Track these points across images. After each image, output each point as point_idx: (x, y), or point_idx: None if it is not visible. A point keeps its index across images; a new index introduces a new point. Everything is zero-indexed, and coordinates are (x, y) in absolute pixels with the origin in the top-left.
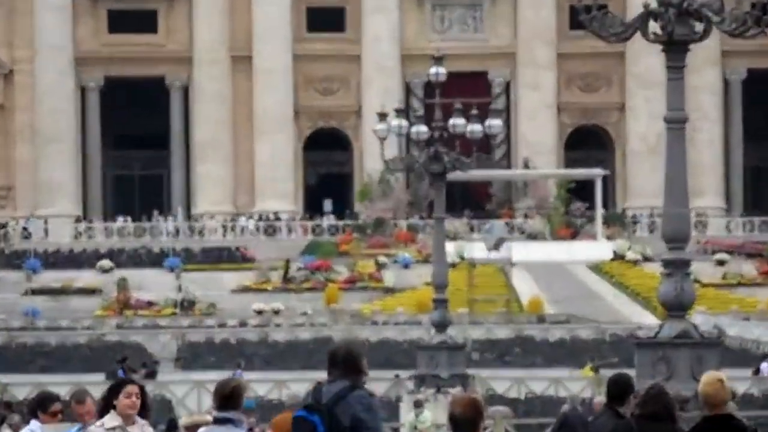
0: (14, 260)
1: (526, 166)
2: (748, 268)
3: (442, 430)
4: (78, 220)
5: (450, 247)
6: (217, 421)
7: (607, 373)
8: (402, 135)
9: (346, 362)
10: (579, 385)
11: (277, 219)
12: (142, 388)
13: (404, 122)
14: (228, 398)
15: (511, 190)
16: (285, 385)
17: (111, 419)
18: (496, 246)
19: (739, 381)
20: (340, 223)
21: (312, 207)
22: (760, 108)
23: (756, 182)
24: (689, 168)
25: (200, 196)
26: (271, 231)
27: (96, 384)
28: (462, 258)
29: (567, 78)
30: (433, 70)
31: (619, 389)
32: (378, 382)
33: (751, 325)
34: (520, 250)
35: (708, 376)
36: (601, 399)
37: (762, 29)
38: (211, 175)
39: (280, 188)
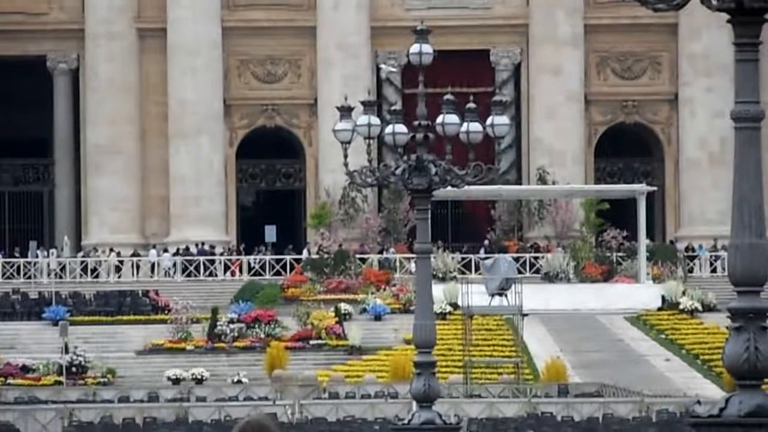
0: None
1: (543, 180)
2: None
3: None
4: None
5: (439, 291)
6: None
7: None
8: (372, 137)
9: None
10: None
11: (202, 253)
12: None
13: (375, 119)
14: None
15: (522, 213)
16: None
17: None
18: (502, 290)
19: None
20: (287, 257)
21: (249, 236)
22: None
23: None
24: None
25: (94, 221)
26: (192, 270)
27: None
28: (455, 306)
29: (598, 60)
30: (414, 48)
31: None
32: None
33: None
34: (535, 296)
35: None
36: None
37: None
38: (109, 193)
39: (204, 211)
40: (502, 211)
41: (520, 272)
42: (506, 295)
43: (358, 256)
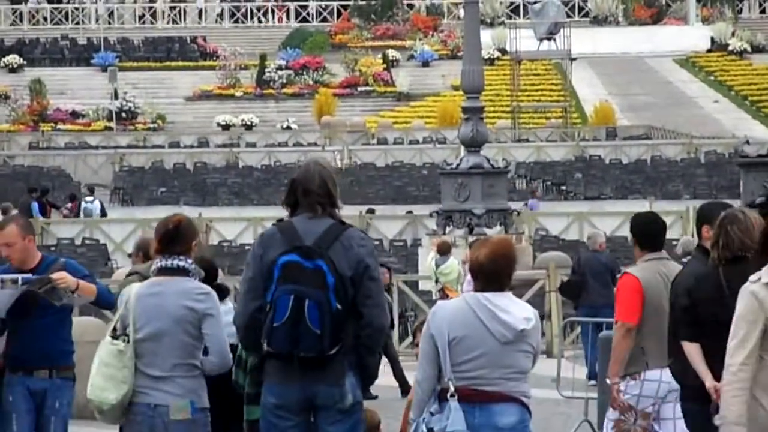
0: None
1: None
2: None
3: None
4: None
5: (487, 36)
6: (163, 271)
7: None
8: None
9: (322, 192)
10: (666, 221)
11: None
12: None
13: None
14: (172, 240)
15: None
16: (262, 225)
17: None
18: (550, 34)
19: None
20: (335, 3)
21: None
22: None
23: None
24: None
25: None
26: (239, 16)
27: None
28: (503, 51)
29: None
30: None
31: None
32: (389, 221)
33: None
34: (583, 39)
35: None
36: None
37: None
38: None
39: None
40: None
41: (568, 16)
42: (555, 39)
43: (405, 1)
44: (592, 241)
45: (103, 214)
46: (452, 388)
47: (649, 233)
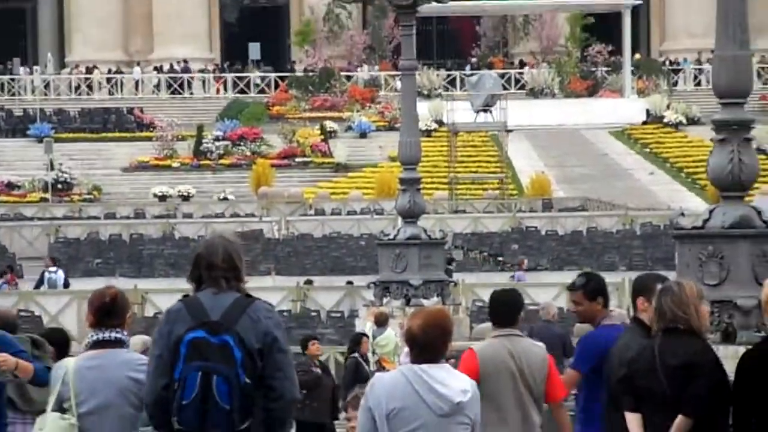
0: None
1: None
2: None
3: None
4: None
5: (424, 108)
6: (100, 344)
7: None
8: None
9: (226, 266)
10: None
11: (186, 70)
12: None
13: None
14: (108, 313)
15: (507, 28)
16: None
17: None
18: (487, 106)
19: None
20: (272, 75)
21: (233, 54)
22: None
23: None
24: None
25: (78, 38)
26: (176, 87)
27: None
28: (440, 123)
29: None
30: None
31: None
32: (327, 292)
33: None
34: (519, 112)
35: None
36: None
37: None
38: (92, 10)
39: (187, 28)
40: (486, 27)
41: (505, 88)
42: (491, 111)
43: (343, 73)
44: (545, 311)
45: (66, 284)
46: None
47: (497, 310)
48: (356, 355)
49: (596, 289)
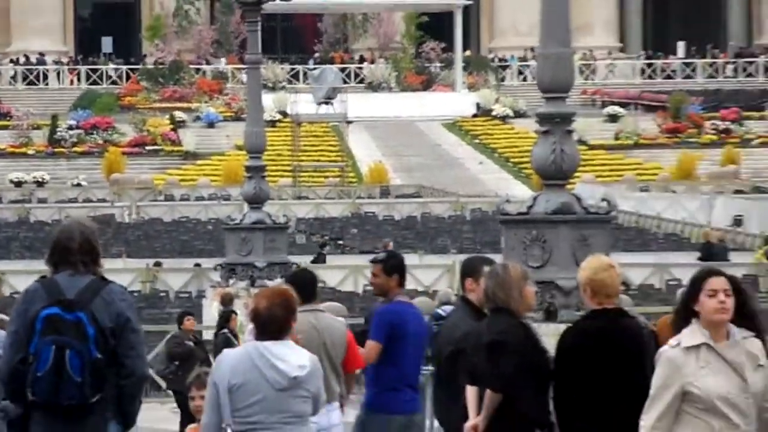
0: None
1: None
2: (647, 125)
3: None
4: None
5: (269, 99)
6: None
7: None
8: None
9: (84, 250)
10: (434, 274)
11: (41, 63)
12: None
13: None
14: None
15: (347, 27)
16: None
17: None
18: (328, 98)
19: (634, 268)
20: (124, 67)
21: (87, 47)
22: None
23: (656, 17)
24: None
25: None
26: (32, 78)
27: None
28: (284, 114)
29: None
30: None
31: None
32: (174, 273)
33: (651, 198)
34: (359, 104)
35: (594, 261)
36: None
37: None
38: None
39: (43, 22)
40: (328, 24)
41: (345, 82)
42: (332, 104)
43: (192, 65)
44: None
45: None
46: None
47: (299, 288)
48: (226, 331)
49: (395, 266)
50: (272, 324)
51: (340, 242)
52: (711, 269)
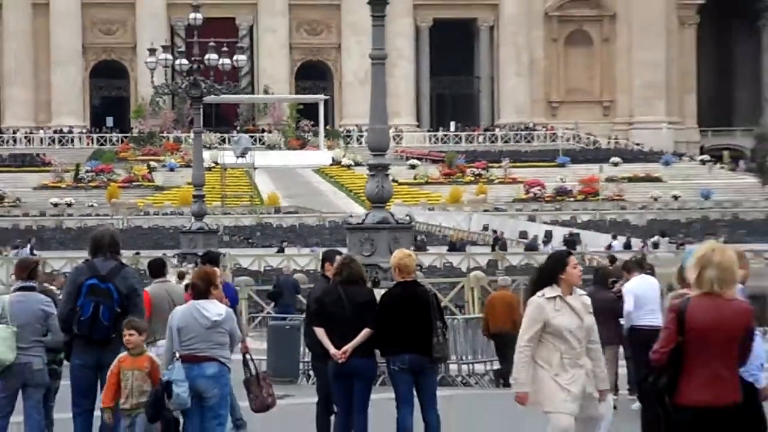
0: None
1: (266, 92)
2: (433, 171)
3: None
4: None
5: (206, 154)
6: (21, 289)
7: None
8: (168, 66)
9: (111, 245)
10: (307, 260)
11: (70, 132)
12: None
13: (170, 56)
14: (28, 271)
15: (255, 111)
16: (76, 261)
17: None
18: (243, 154)
19: (428, 255)
20: (120, 135)
21: (97, 123)
22: (443, 49)
23: (439, 106)
24: (389, 95)
25: (8, 113)
26: (65, 141)
27: None
28: (216, 163)
29: (297, 23)
30: (192, 15)
31: (330, 261)
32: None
33: (435, 214)
34: (261, 157)
35: (400, 252)
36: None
37: None
38: (16, 97)
39: (70, 107)
40: (244, 109)
41: (254, 144)
42: (246, 157)
43: (161, 134)
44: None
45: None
46: (178, 355)
47: (152, 269)
48: None
49: (211, 258)
50: (199, 289)
51: (250, 240)
52: (569, 252)
